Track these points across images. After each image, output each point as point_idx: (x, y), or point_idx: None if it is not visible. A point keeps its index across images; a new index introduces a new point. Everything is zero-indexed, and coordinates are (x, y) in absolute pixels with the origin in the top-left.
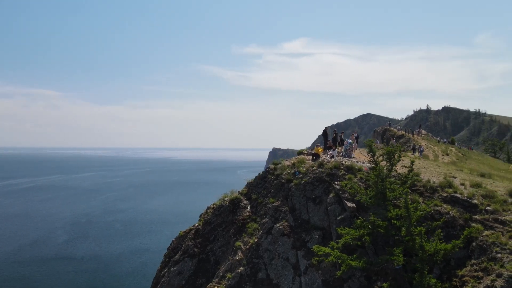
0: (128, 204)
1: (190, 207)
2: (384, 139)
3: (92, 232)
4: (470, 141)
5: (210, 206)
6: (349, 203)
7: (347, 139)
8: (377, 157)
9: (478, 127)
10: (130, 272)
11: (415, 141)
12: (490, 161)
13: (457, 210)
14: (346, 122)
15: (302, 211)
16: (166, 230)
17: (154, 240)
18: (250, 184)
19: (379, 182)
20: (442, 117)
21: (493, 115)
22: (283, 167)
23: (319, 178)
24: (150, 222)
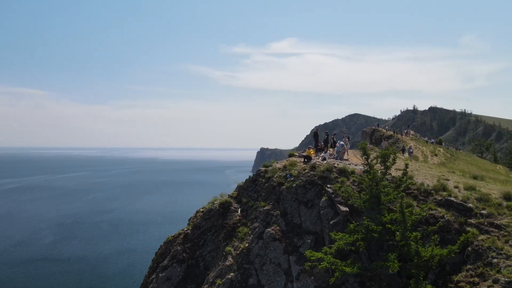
0: (115, 205)
1: (177, 208)
2: (373, 139)
3: (78, 233)
4: (456, 141)
5: (199, 210)
6: (342, 207)
7: (339, 141)
8: (371, 160)
9: (464, 127)
10: (117, 273)
11: (403, 141)
12: (478, 161)
13: (451, 213)
14: (333, 122)
15: (294, 215)
16: (153, 230)
17: (141, 241)
18: (240, 187)
19: (373, 186)
20: (429, 117)
21: (479, 115)
22: (274, 170)
23: (311, 181)
24: (137, 223)
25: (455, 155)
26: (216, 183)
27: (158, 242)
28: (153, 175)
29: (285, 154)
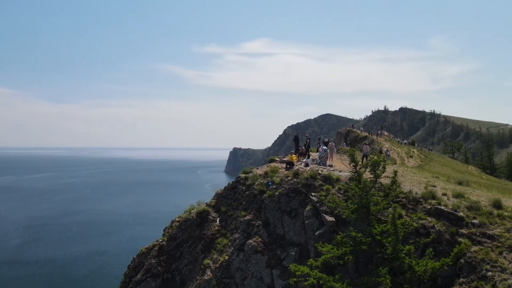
0: (85, 206)
1: (149, 208)
2: (347, 140)
3: (47, 235)
4: (426, 141)
5: (174, 220)
6: (328, 216)
7: (322, 145)
8: (360, 167)
9: (433, 128)
10: (88, 275)
11: (378, 143)
12: (451, 162)
13: (442, 223)
14: (306, 122)
15: (276, 226)
16: (124, 232)
17: (112, 242)
18: (219, 195)
19: (363, 195)
20: (399, 118)
21: (447, 116)
22: (255, 177)
23: (295, 189)
24: (108, 224)
25: (429, 157)
26: (189, 183)
27: (130, 243)
28: (125, 176)
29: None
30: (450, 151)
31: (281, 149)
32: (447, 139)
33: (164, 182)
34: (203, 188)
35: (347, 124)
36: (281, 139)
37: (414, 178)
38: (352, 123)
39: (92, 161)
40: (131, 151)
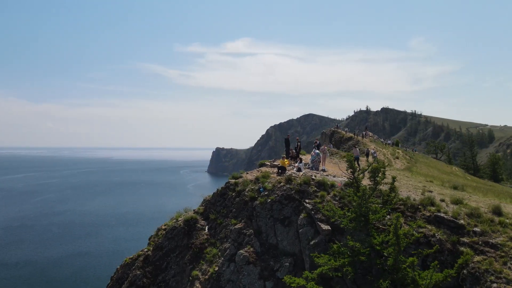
0: (65, 206)
1: (132, 209)
2: (332, 141)
3: (26, 237)
4: (407, 141)
5: (160, 228)
6: (323, 225)
7: (314, 149)
8: (358, 174)
9: (414, 128)
10: (69, 277)
11: (364, 144)
12: (436, 163)
13: (443, 231)
14: (288, 122)
15: (269, 234)
16: (106, 233)
17: (93, 243)
18: (208, 202)
19: (362, 204)
20: (381, 118)
21: (428, 116)
22: (245, 182)
23: (288, 196)
24: (90, 225)
25: (414, 158)
26: (171, 183)
27: (112, 244)
28: (106, 176)
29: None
30: (433, 151)
31: (264, 149)
32: (429, 139)
33: (147, 182)
34: (186, 188)
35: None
36: (264, 139)
37: (409, 183)
38: (337, 124)
39: (73, 161)
40: (113, 151)
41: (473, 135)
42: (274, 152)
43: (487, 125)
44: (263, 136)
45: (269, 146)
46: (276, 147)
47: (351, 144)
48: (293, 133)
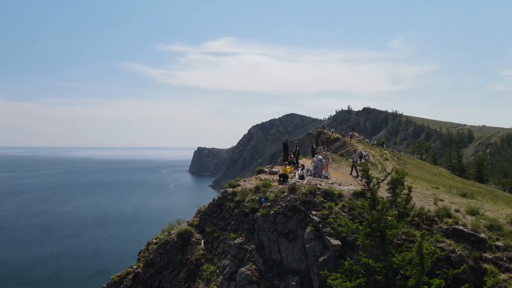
0: (43, 207)
1: (112, 209)
2: (319, 142)
3: (3, 238)
4: (388, 141)
5: (151, 242)
6: (333, 239)
7: (316, 154)
8: (373, 184)
9: (395, 128)
10: (47, 278)
11: (351, 145)
12: (424, 164)
13: (463, 246)
14: (270, 121)
15: (272, 250)
16: (86, 234)
17: (73, 245)
18: (203, 213)
19: (381, 219)
20: (363, 118)
21: (409, 116)
22: (244, 192)
23: (293, 207)
24: (68, 226)
25: (403, 159)
26: (152, 183)
27: (91, 245)
28: (86, 176)
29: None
30: (418, 152)
31: (246, 149)
32: (411, 140)
33: (127, 182)
34: (167, 188)
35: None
36: (246, 138)
37: (417, 190)
38: (323, 124)
39: (51, 161)
40: (93, 151)
41: (453, 135)
42: (256, 151)
43: (466, 125)
44: (245, 136)
45: (251, 145)
46: (258, 146)
47: (337, 145)
48: (275, 132)
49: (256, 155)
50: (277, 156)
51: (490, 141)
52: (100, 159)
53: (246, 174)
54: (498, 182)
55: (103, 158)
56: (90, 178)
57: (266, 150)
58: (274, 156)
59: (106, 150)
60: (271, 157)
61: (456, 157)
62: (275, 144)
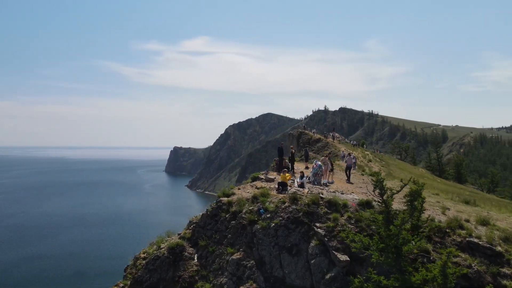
0: (17, 209)
1: (88, 209)
2: (300, 143)
3: None
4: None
5: (139, 256)
6: (340, 254)
7: (315, 160)
8: (387, 196)
9: (372, 127)
10: (22, 281)
11: (334, 146)
12: (405, 165)
13: (479, 261)
14: (247, 121)
15: (274, 266)
16: (62, 235)
17: (49, 246)
18: (195, 225)
19: (399, 234)
20: (339, 117)
21: (385, 116)
22: (241, 202)
23: (295, 219)
24: (44, 227)
25: (385, 160)
26: (128, 183)
27: (68, 246)
28: (61, 176)
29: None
30: (398, 152)
31: (223, 148)
32: (391, 140)
33: (103, 182)
34: (143, 188)
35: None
36: (223, 138)
37: None
38: (304, 125)
39: (25, 160)
40: (67, 150)
41: (427, 134)
42: (233, 151)
43: (440, 125)
44: (222, 136)
45: (228, 145)
46: (235, 146)
47: (319, 146)
48: (252, 132)
49: (233, 155)
50: (254, 156)
51: (463, 141)
52: (75, 158)
53: (223, 173)
54: (475, 182)
55: (78, 158)
56: (65, 178)
57: (243, 149)
58: (251, 155)
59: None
60: (248, 156)
61: (436, 158)
62: (252, 143)
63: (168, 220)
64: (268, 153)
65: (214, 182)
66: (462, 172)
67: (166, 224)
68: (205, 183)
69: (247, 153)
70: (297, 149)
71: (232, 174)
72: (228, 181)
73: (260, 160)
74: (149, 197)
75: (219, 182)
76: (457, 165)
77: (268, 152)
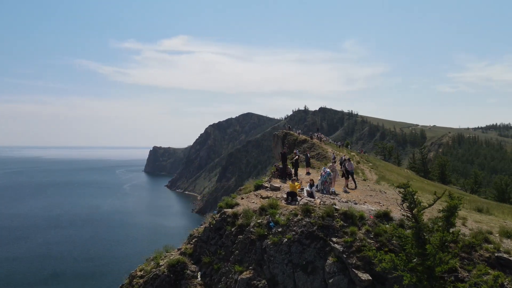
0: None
1: (64, 210)
2: (285, 144)
3: None
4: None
5: (135, 274)
6: (361, 273)
7: (324, 167)
8: (418, 210)
9: (351, 127)
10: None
11: (321, 147)
12: (391, 167)
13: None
14: (227, 121)
15: (287, 286)
16: (37, 236)
17: (23, 248)
18: (198, 239)
19: (436, 255)
20: (319, 117)
21: (364, 116)
22: (248, 214)
23: (309, 234)
24: (18, 228)
25: (372, 161)
26: (107, 183)
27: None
28: (36, 176)
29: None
30: (382, 153)
31: (202, 148)
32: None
33: (80, 182)
34: (122, 188)
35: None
36: (203, 138)
37: (388, 196)
38: (289, 125)
39: None
40: (42, 150)
41: (406, 134)
42: (213, 151)
43: (418, 125)
44: (202, 135)
45: (207, 145)
46: (215, 146)
47: (305, 146)
48: (232, 132)
49: (213, 155)
50: (235, 156)
51: (442, 141)
52: (52, 158)
53: (203, 173)
54: (457, 183)
55: (55, 158)
56: (41, 178)
57: (223, 149)
58: (231, 155)
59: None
60: (228, 156)
61: (421, 158)
62: (232, 143)
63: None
64: (249, 153)
65: (194, 182)
66: (446, 173)
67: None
68: (185, 183)
69: (227, 153)
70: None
71: (212, 174)
72: (208, 181)
73: (241, 160)
74: (128, 197)
75: (199, 182)
76: (441, 166)
77: (248, 152)
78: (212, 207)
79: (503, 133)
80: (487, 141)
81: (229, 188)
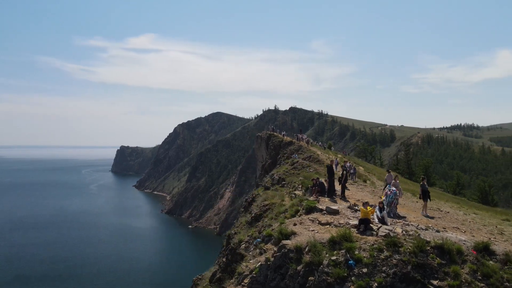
0: None
1: (28, 212)
2: (270, 146)
3: None
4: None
5: None
6: None
7: (388, 185)
8: None
9: (322, 127)
10: None
11: (309, 150)
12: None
13: None
14: (197, 120)
15: None
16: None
17: None
18: (253, 280)
19: None
20: (290, 117)
21: (334, 116)
22: (317, 248)
23: (404, 276)
24: None
25: (360, 164)
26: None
27: (7, 251)
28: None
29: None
30: (363, 155)
31: (171, 148)
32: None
33: (44, 183)
34: (89, 188)
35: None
36: (172, 137)
37: (460, 218)
38: (273, 126)
39: None
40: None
41: (376, 134)
42: (182, 151)
43: (387, 125)
44: (171, 135)
45: (177, 144)
46: (184, 145)
47: (292, 149)
48: (201, 131)
49: (182, 154)
50: (205, 155)
51: (411, 141)
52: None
53: (172, 173)
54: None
55: (15, 157)
56: (1, 179)
57: (192, 149)
58: (201, 155)
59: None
60: (198, 156)
61: (406, 160)
62: (202, 143)
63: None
64: (219, 152)
65: (163, 182)
66: (430, 174)
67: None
68: (154, 183)
69: (197, 153)
70: (267, 155)
71: (181, 174)
72: (177, 181)
73: (211, 160)
74: (95, 198)
75: (168, 182)
76: (425, 168)
77: (219, 152)
78: (182, 207)
79: (467, 133)
80: (455, 141)
81: (199, 188)
